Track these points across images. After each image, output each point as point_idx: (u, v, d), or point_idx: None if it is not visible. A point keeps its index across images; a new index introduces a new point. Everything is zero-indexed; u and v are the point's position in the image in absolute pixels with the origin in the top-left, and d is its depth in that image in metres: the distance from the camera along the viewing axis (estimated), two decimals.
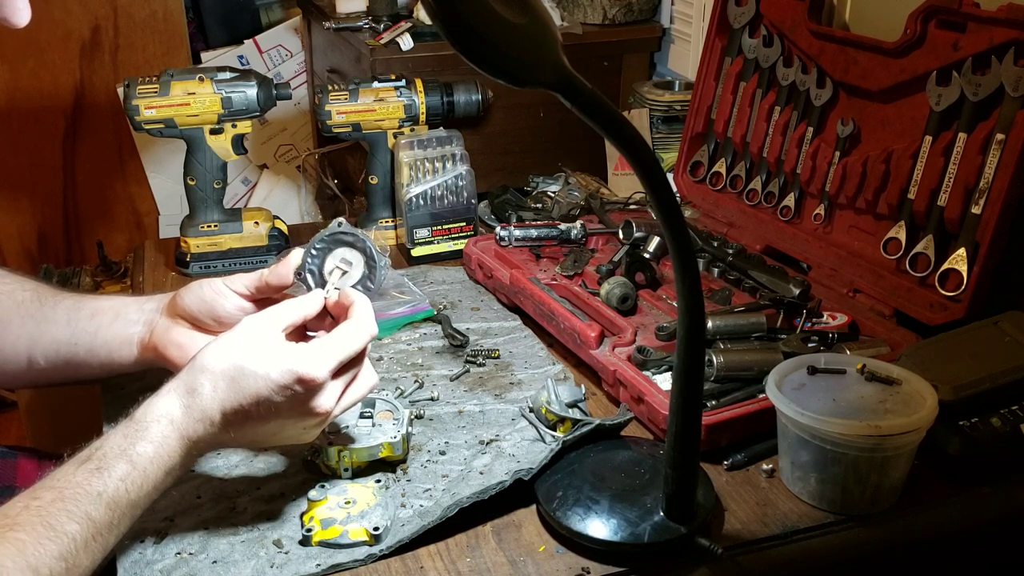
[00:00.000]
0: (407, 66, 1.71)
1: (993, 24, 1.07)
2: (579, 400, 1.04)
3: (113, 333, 0.98)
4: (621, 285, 1.19)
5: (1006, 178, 1.06)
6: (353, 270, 0.95)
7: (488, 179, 1.66)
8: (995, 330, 1.00)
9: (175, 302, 0.96)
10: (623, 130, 0.71)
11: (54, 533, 0.72)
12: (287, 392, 0.81)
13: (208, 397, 0.81)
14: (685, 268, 0.75)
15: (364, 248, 0.97)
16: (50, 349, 0.99)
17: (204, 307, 0.94)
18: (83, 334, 0.98)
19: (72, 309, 1.00)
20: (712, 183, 1.49)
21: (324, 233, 0.97)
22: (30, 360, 0.99)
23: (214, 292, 0.94)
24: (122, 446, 0.78)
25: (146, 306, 0.99)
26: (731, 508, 0.91)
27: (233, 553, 0.85)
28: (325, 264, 0.96)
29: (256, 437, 0.85)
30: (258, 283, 0.94)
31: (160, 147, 2.55)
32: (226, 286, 0.94)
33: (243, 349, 0.82)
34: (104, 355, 0.99)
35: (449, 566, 0.84)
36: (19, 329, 0.99)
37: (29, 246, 2.60)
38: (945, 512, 0.93)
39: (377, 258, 0.96)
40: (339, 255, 0.96)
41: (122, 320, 0.99)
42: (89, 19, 2.45)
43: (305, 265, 0.95)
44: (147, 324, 0.98)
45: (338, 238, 0.97)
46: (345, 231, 0.97)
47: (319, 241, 0.96)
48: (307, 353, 0.81)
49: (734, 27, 1.43)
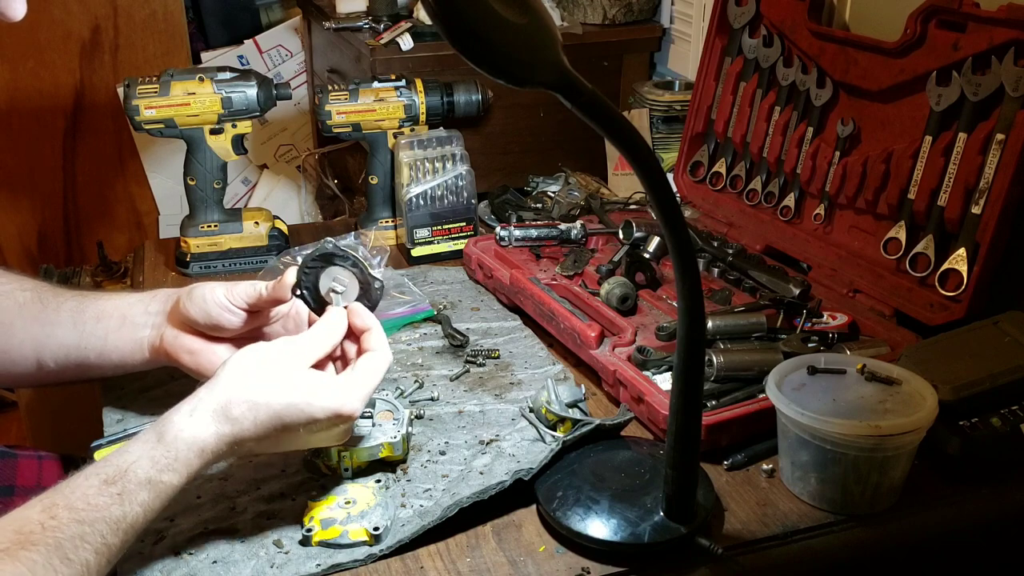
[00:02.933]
0: (407, 66, 1.71)
1: (993, 24, 1.07)
2: (579, 400, 1.04)
3: (122, 338, 1.00)
4: (621, 285, 1.19)
5: (1006, 178, 1.06)
6: (348, 292, 0.95)
7: (488, 179, 1.66)
8: (995, 330, 1.00)
9: (178, 310, 0.98)
10: (623, 130, 0.71)
11: (69, 561, 0.71)
12: (325, 424, 0.85)
13: (248, 430, 0.82)
14: (685, 268, 0.75)
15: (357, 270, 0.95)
16: (59, 353, 1.00)
17: (209, 320, 0.96)
18: (91, 338, 0.99)
19: (76, 311, 1.00)
20: (712, 183, 1.49)
21: (314, 253, 0.95)
22: (39, 363, 1.00)
23: (219, 308, 0.96)
24: (148, 474, 0.77)
25: (151, 308, 1.00)
26: (731, 508, 0.91)
27: (233, 553, 0.85)
28: (320, 282, 0.95)
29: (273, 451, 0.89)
30: (258, 300, 0.96)
31: (160, 147, 2.55)
32: (229, 301, 0.96)
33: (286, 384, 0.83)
34: (116, 359, 1.00)
35: (449, 566, 0.84)
36: (24, 332, 0.99)
37: (29, 246, 2.60)
38: (945, 512, 0.93)
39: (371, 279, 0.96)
40: (332, 274, 0.95)
41: (129, 325, 1.00)
42: (89, 19, 2.45)
43: (300, 283, 0.95)
44: (154, 327, 1.00)
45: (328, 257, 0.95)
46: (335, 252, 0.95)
47: (310, 260, 0.95)
48: (345, 389, 0.85)
49: (734, 27, 1.43)
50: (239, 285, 0.96)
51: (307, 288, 0.96)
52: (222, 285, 0.96)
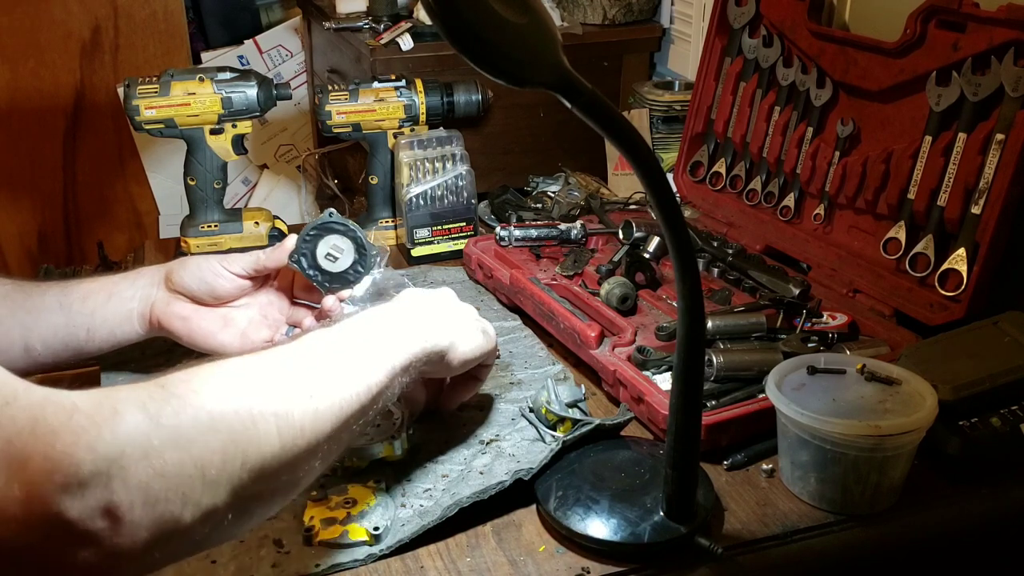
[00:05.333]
0: (407, 66, 1.71)
1: (993, 24, 1.07)
2: (579, 400, 1.04)
3: (111, 311, 1.01)
4: (621, 285, 1.19)
5: (1006, 178, 1.06)
6: (344, 256, 1.06)
7: (488, 179, 1.66)
8: (995, 330, 1.00)
9: (171, 278, 1.00)
10: (623, 130, 0.71)
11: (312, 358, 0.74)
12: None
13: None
14: (685, 268, 0.75)
15: (354, 236, 1.08)
16: (47, 334, 1.00)
17: (204, 287, 1.00)
18: (79, 316, 1.00)
19: (61, 294, 1.01)
20: (712, 183, 1.49)
21: (316, 221, 1.07)
22: (27, 348, 1.00)
23: (213, 274, 1.00)
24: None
25: (138, 282, 1.02)
26: (731, 508, 0.91)
27: (233, 553, 0.85)
28: (317, 249, 1.06)
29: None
30: (256, 265, 1.01)
31: (160, 147, 2.55)
32: (224, 268, 1.01)
33: None
34: (105, 333, 1.02)
35: (449, 566, 0.84)
36: (10, 319, 0.99)
37: (29, 246, 2.60)
38: (945, 512, 0.93)
39: (367, 245, 1.07)
40: (330, 242, 1.07)
41: (117, 298, 1.02)
42: (89, 19, 2.45)
43: (299, 249, 1.06)
44: (144, 299, 1.02)
45: (329, 226, 1.08)
46: (336, 220, 1.08)
47: (312, 228, 1.08)
48: None
49: (734, 27, 1.43)
50: (233, 255, 1.02)
51: (304, 255, 1.06)
52: (214, 256, 1.02)
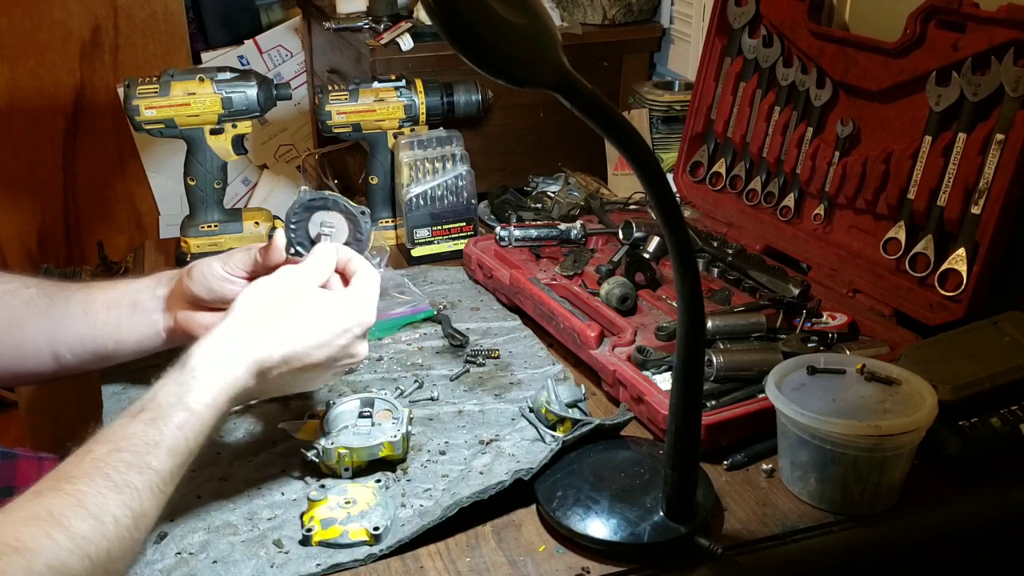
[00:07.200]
0: (407, 66, 1.71)
1: (993, 24, 1.07)
2: (579, 400, 1.04)
3: (136, 324, 1.02)
4: (621, 285, 1.19)
5: (1006, 178, 1.06)
6: (338, 227, 1.02)
7: (488, 179, 1.66)
8: (995, 330, 1.00)
9: (183, 289, 1.00)
10: (623, 130, 0.71)
11: (114, 483, 0.71)
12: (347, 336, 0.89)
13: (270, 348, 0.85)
14: (685, 268, 0.75)
15: (336, 205, 1.03)
16: (75, 343, 1.01)
17: (213, 295, 0.99)
18: (105, 327, 1.01)
19: (85, 302, 1.01)
20: (712, 183, 1.49)
21: (294, 206, 1.03)
22: (55, 356, 1.01)
23: (220, 280, 0.99)
24: (178, 394, 0.79)
25: (158, 292, 1.03)
26: (731, 508, 0.91)
27: (233, 553, 0.85)
28: (309, 231, 1.03)
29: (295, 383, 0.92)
30: (254, 265, 1.00)
31: (160, 147, 2.55)
32: (227, 272, 1.00)
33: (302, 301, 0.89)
34: (133, 345, 1.02)
35: (449, 566, 0.84)
36: (35, 328, 1.00)
37: (29, 246, 2.60)
38: (945, 512, 0.93)
39: (352, 208, 1.02)
40: (318, 219, 1.02)
41: (141, 311, 1.02)
42: (89, 19, 2.45)
43: (292, 239, 1.02)
44: (167, 312, 1.02)
45: (308, 205, 1.03)
46: (312, 197, 1.03)
47: (294, 214, 1.03)
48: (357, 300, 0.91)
49: (734, 27, 1.43)
50: (234, 255, 1.00)
51: (300, 243, 1.02)
52: (217, 259, 1.00)
